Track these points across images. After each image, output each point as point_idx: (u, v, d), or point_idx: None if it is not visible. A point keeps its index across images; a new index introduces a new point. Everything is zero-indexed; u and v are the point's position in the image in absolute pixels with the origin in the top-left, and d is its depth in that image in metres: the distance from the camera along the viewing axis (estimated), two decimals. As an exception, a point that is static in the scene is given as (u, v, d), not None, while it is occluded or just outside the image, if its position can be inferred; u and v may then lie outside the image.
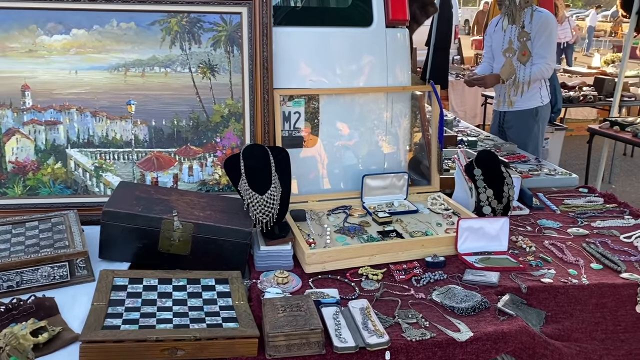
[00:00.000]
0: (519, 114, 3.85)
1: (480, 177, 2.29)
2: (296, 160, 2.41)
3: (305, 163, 2.45)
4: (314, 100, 2.41)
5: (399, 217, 2.32)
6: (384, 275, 1.94)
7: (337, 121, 2.47)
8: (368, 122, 2.51)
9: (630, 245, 2.22)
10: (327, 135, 2.45)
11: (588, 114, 8.48)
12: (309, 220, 2.27)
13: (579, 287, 1.86)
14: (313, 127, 2.44)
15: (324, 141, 2.45)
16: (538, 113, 3.93)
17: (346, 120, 2.48)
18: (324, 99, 2.42)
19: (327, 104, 2.43)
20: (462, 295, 1.76)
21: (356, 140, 2.51)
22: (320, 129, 2.44)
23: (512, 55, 2.42)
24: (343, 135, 2.49)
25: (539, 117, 3.97)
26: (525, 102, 3.79)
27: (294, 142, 2.42)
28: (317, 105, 2.42)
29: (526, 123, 3.91)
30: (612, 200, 2.71)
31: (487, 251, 2.08)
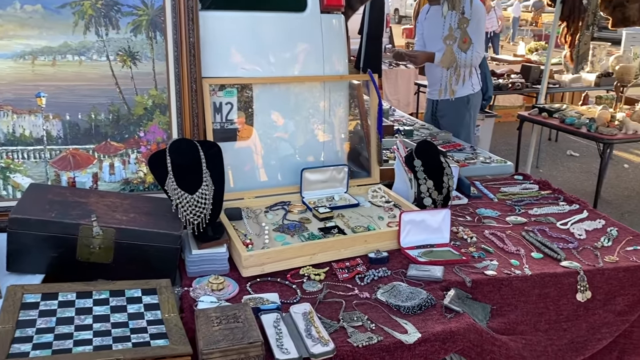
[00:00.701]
0: (451, 103, 3.87)
1: (421, 168, 2.24)
2: (230, 155, 2.25)
3: (240, 157, 2.30)
4: (247, 89, 2.27)
5: (340, 212, 2.23)
6: (327, 274, 1.84)
7: (272, 112, 2.34)
8: (304, 112, 2.40)
9: (567, 232, 2.24)
10: (262, 126, 2.32)
11: (515, 101, 8.78)
12: (246, 218, 2.14)
13: (522, 278, 1.84)
14: (247, 117, 2.29)
15: (259, 133, 2.32)
16: (469, 101, 3.96)
17: (282, 110, 2.35)
18: (257, 89, 2.28)
19: (261, 94, 2.29)
20: (407, 292, 1.69)
21: (292, 131, 2.38)
22: (254, 120, 2.30)
23: (452, 42, 2.37)
24: (279, 127, 2.36)
25: (471, 105, 4.00)
26: (457, 90, 3.80)
27: (226, 135, 2.27)
28: (250, 95, 2.28)
29: (458, 111, 3.93)
30: (547, 187, 2.75)
31: (429, 244, 2.03)
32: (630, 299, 1.94)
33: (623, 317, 1.93)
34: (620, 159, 6.89)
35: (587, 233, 2.23)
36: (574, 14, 4.82)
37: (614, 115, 4.32)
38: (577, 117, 4.34)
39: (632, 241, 2.15)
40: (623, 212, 5.13)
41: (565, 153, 7.08)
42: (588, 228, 2.27)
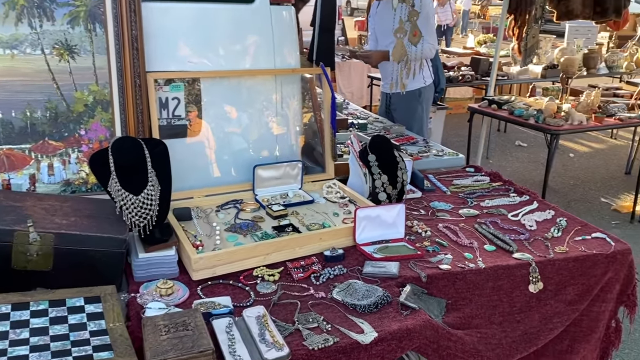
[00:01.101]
0: (404, 96, 3.88)
1: (375, 163, 2.21)
2: (178, 152, 2.16)
3: (189, 154, 2.21)
4: (195, 84, 2.18)
5: (295, 209, 2.18)
6: (281, 274, 1.79)
7: (223, 107, 2.26)
8: (256, 106, 2.33)
9: (518, 223, 2.27)
10: (211, 122, 2.24)
11: (465, 93, 8.94)
12: (196, 219, 2.06)
13: (476, 271, 1.84)
14: (195, 113, 2.21)
15: (208, 129, 2.23)
16: (421, 94, 3.98)
17: (232, 105, 2.28)
18: (206, 83, 2.20)
19: (210, 88, 2.21)
20: (363, 290, 1.67)
21: (244, 126, 2.32)
22: (203, 115, 2.22)
23: (402, 36, 2.35)
24: (229, 122, 2.28)
25: (423, 98, 4.02)
26: (409, 84, 3.82)
27: (174, 132, 2.18)
28: (199, 89, 2.19)
29: (410, 104, 3.95)
30: (498, 179, 2.79)
31: (385, 239, 2.01)
32: (580, 288, 1.98)
33: (573, 307, 1.97)
34: (566, 149, 7.13)
35: (537, 224, 2.27)
36: (521, 7, 4.93)
37: (560, 107, 4.44)
38: (525, 109, 4.44)
39: (580, 231, 2.20)
40: (570, 200, 5.31)
41: (514, 143, 7.27)
42: (538, 219, 2.31)
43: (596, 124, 4.24)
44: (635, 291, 2.12)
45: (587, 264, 1.98)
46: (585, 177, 6.02)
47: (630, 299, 2.11)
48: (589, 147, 7.28)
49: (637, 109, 4.71)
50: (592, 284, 2.00)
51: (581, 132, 5.15)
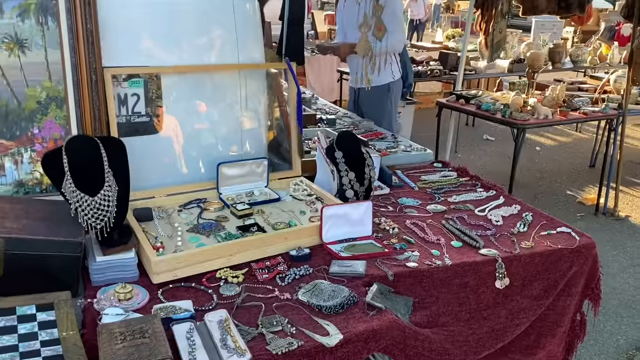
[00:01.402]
0: (372, 91, 3.86)
1: (342, 160, 2.18)
2: (138, 150, 2.09)
3: (150, 152, 2.14)
4: (155, 79, 2.11)
5: (260, 208, 2.13)
6: (246, 276, 1.75)
7: (185, 103, 2.19)
8: (220, 103, 2.27)
9: (484, 218, 2.27)
10: (173, 119, 2.17)
11: (434, 87, 9.00)
12: (157, 219, 1.99)
13: (443, 268, 1.83)
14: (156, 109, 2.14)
15: (170, 126, 2.17)
16: (390, 89, 3.96)
17: (196, 101, 2.21)
18: (167, 78, 2.13)
19: (172, 84, 2.14)
20: (330, 290, 1.63)
21: (208, 123, 2.25)
22: (164, 112, 2.15)
23: (367, 30, 2.32)
24: (192, 119, 2.22)
25: (391, 92, 4.00)
26: (377, 79, 3.80)
27: (134, 129, 2.10)
28: (159, 85, 2.12)
29: (379, 99, 3.93)
30: (465, 174, 2.79)
31: (352, 238, 1.98)
32: (546, 283, 1.99)
33: (539, 302, 1.98)
34: (533, 142, 7.25)
35: (503, 219, 2.27)
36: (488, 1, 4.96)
37: (527, 101, 4.49)
38: (493, 103, 4.47)
39: (545, 225, 2.21)
40: (536, 193, 5.39)
41: (482, 137, 7.35)
42: (504, 214, 2.32)
43: (561, 118, 4.30)
44: (600, 284, 2.15)
45: (552, 259, 1.99)
46: (551, 170, 6.12)
47: (594, 292, 2.13)
48: (555, 140, 7.41)
49: (600, 102, 4.80)
50: (557, 279, 2.01)
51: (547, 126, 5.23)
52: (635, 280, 3.74)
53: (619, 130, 4.71)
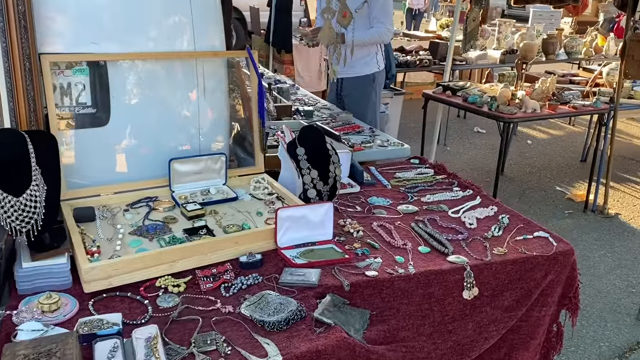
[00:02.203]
0: (356, 81, 3.69)
1: (304, 157, 2.03)
2: (84, 144, 1.95)
3: (97, 147, 1.98)
4: (102, 67, 1.94)
5: (214, 208, 1.98)
6: (188, 285, 1.60)
7: (135, 94, 2.02)
8: (175, 93, 2.10)
9: (458, 221, 2.13)
10: (122, 110, 2.00)
11: (426, 78, 8.81)
12: (100, 219, 1.84)
13: (405, 277, 1.69)
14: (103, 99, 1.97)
15: (118, 117, 2.00)
16: (375, 79, 3.81)
17: (146, 91, 2.04)
18: (115, 67, 1.96)
19: (121, 73, 1.97)
20: (276, 303, 1.49)
21: (161, 115, 2.09)
22: (112, 103, 1.98)
23: (330, 16, 2.15)
24: (143, 110, 2.05)
25: (376, 83, 3.86)
26: (362, 68, 3.64)
27: (78, 121, 1.94)
28: (106, 73, 1.95)
29: (364, 90, 3.77)
30: (442, 171, 2.64)
31: (310, 242, 1.83)
32: (518, 293, 1.85)
33: (511, 313, 1.84)
34: (524, 135, 7.09)
35: (478, 222, 2.13)
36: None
37: (515, 94, 4.33)
38: (480, 96, 4.31)
39: (522, 229, 2.07)
40: (524, 188, 5.25)
41: (473, 130, 7.19)
42: (480, 216, 2.17)
43: (550, 112, 4.15)
44: (578, 293, 2.01)
45: (526, 267, 1.85)
46: (541, 164, 5.98)
47: (572, 301, 1.99)
48: (547, 133, 7.26)
49: (591, 96, 4.65)
50: (531, 288, 1.87)
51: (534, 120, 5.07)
52: (621, 282, 3.62)
53: (610, 124, 4.56)
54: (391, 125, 6.45)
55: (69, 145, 1.91)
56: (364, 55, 3.66)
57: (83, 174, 1.95)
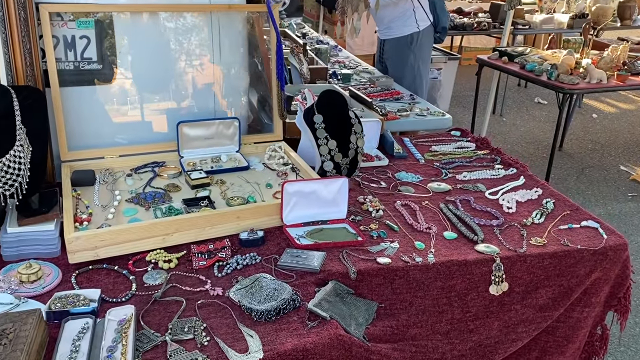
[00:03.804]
0: (394, 43, 3.42)
1: (322, 125, 1.83)
2: (88, 102, 1.84)
3: (102, 106, 1.86)
4: (108, 20, 1.80)
5: (222, 177, 1.83)
6: (181, 260, 1.47)
7: (145, 50, 1.88)
8: (189, 50, 1.95)
9: (495, 203, 1.89)
10: (130, 67, 1.87)
11: (487, 42, 8.27)
12: (100, 184, 1.73)
13: (423, 267, 1.48)
14: (111, 55, 1.84)
15: (126, 75, 1.87)
16: (414, 40, 3.49)
17: (157, 48, 1.90)
18: (121, 19, 1.81)
19: (128, 26, 1.83)
20: (270, 289, 1.33)
21: (173, 74, 1.94)
22: (119, 59, 1.85)
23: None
24: (154, 69, 1.91)
25: (415, 44, 3.52)
26: (399, 29, 3.35)
27: (83, 78, 1.83)
28: (113, 26, 1.81)
29: (401, 52, 3.49)
30: (485, 146, 2.38)
31: (321, 220, 1.66)
32: (556, 291, 1.61)
33: (545, 313, 1.61)
34: (589, 108, 6.54)
35: (518, 205, 1.88)
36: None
37: (580, 62, 3.91)
38: (540, 63, 3.92)
39: (568, 217, 1.80)
40: (584, 166, 4.83)
41: (533, 100, 6.70)
42: (521, 199, 1.92)
43: (618, 84, 3.72)
44: (630, 294, 1.74)
45: (567, 262, 1.60)
46: (605, 140, 5.49)
47: (621, 303, 1.73)
48: (616, 107, 6.66)
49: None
50: (572, 286, 1.62)
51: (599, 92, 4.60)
52: (686, 275, 3.24)
53: (689, 99, 4.06)
54: (444, 92, 6.09)
55: (71, 102, 1.79)
56: (399, 14, 3.36)
57: (86, 134, 1.84)
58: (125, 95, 1.88)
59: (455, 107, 6.31)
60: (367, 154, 2.22)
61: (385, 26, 3.50)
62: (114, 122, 1.89)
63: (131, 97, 1.89)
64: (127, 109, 1.90)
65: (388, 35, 3.46)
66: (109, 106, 1.87)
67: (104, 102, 1.86)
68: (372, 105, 2.46)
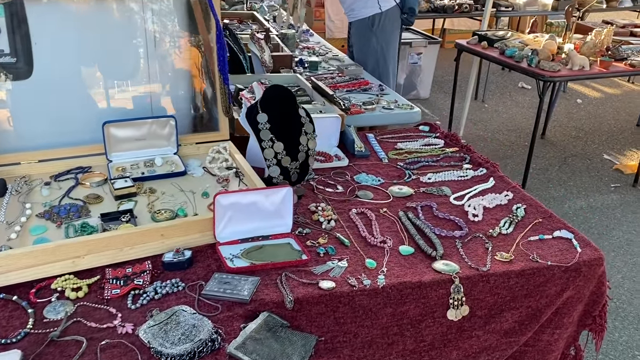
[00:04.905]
0: (357, 25, 3.20)
1: (266, 126, 1.63)
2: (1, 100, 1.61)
3: (18, 104, 1.65)
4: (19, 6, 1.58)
5: (154, 185, 1.63)
6: (92, 287, 1.27)
7: (67, 40, 1.66)
8: (117, 40, 1.73)
9: (459, 210, 1.71)
10: (48, 60, 1.65)
11: (472, 25, 8.05)
12: (11, 195, 1.52)
13: (371, 291, 1.30)
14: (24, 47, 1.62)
15: (46, 72, 1.65)
16: (375, 22, 3.25)
17: (77, 37, 1.68)
18: (35, 5, 1.59)
19: (43, 13, 1.61)
20: (188, 326, 1.14)
21: (98, 67, 1.73)
22: (34, 51, 1.63)
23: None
24: (79, 62, 1.70)
25: (377, 27, 3.27)
26: (360, 10, 3.13)
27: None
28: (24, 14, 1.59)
29: (363, 35, 3.26)
30: (455, 143, 2.19)
31: (262, 235, 1.47)
32: (523, 314, 1.44)
33: (511, 339, 1.44)
34: (574, 93, 6.38)
35: (485, 212, 1.70)
36: None
37: (562, 47, 3.72)
38: (520, 48, 3.72)
39: (540, 226, 1.63)
40: (567, 155, 4.67)
41: (517, 85, 6.52)
42: (489, 204, 1.74)
43: (601, 70, 3.53)
44: (606, 311, 1.58)
45: (536, 281, 1.43)
46: (590, 127, 5.33)
47: (597, 322, 1.57)
48: (601, 92, 6.51)
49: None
50: (541, 307, 1.45)
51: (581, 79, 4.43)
52: (669, 273, 3.11)
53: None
54: (424, 77, 5.90)
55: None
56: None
57: (1, 138, 1.62)
58: (43, 92, 1.66)
59: (436, 92, 6.12)
60: (326, 154, 2.03)
61: (348, 7, 3.27)
62: (32, 122, 1.67)
63: (50, 93, 1.67)
64: (46, 107, 1.68)
65: (352, 17, 3.24)
66: (26, 104, 1.65)
67: (19, 100, 1.64)
68: (333, 98, 2.25)
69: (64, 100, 1.69)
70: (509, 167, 4.32)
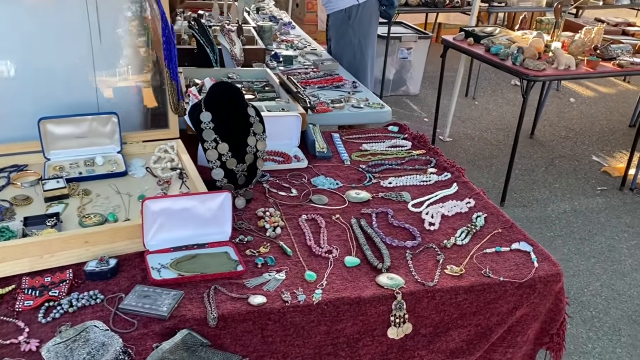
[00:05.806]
0: (334, 17, 3.10)
1: (209, 125, 1.54)
2: None
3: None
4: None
5: (90, 186, 1.54)
6: (6, 298, 1.19)
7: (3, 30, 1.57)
8: (60, 31, 1.63)
9: (416, 218, 1.62)
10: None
11: (465, 19, 7.92)
12: None
13: (304, 308, 1.22)
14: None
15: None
16: (352, 15, 3.14)
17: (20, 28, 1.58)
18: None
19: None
20: (97, 344, 1.06)
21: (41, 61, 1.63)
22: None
23: None
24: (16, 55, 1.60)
25: (354, 19, 3.16)
26: (336, 2, 3.02)
27: None
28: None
29: (340, 28, 3.16)
30: (422, 145, 2.10)
31: (197, 244, 1.38)
32: (471, 332, 1.36)
33: (457, 359, 1.35)
34: (567, 91, 6.27)
35: (443, 220, 1.62)
36: None
37: (549, 45, 3.61)
38: (506, 46, 3.62)
39: (498, 237, 1.54)
40: (555, 156, 4.57)
41: (510, 82, 6.40)
42: (448, 212, 1.66)
43: (588, 70, 3.42)
44: (564, 329, 1.49)
45: (486, 297, 1.35)
46: (580, 128, 5.23)
47: (554, 340, 1.48)
48: (595, 91, 6.39)
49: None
50: (491, 326, 1.37)
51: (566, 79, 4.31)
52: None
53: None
54: (414, 73, 5.79)
55: None
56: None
57: None
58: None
59: (427, 88, 6.01)
60: (284, 154, 1.94)
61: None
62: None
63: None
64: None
65: (329, 9, 3.14)
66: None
67: (-50, 94, 1.55)
68: (298, 95, 2.16)
69: (3, 96, 1.60)
70: (494, 168, 4.22)
